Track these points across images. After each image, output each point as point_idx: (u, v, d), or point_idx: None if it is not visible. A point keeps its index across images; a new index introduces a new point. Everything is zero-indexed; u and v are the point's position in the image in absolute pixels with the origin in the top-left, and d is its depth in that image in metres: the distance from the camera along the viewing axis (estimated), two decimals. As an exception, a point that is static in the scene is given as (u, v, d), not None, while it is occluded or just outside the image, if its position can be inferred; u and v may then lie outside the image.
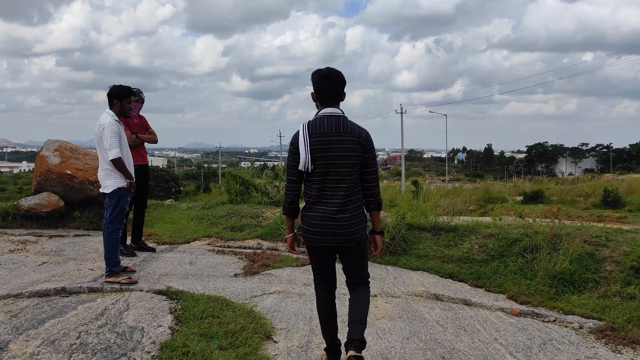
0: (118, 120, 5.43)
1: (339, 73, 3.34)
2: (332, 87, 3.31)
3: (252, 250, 7.24)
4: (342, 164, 3.22)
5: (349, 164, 3.24)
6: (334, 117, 3.27)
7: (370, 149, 3.33)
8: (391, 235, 7.25)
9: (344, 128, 3.25)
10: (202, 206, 11.01)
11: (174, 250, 7.16)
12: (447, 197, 32.99)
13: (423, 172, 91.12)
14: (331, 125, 3.24)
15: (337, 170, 3.22)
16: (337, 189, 3.22)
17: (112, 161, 5.22)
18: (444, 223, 8.01)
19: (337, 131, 3.23)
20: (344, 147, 3.22)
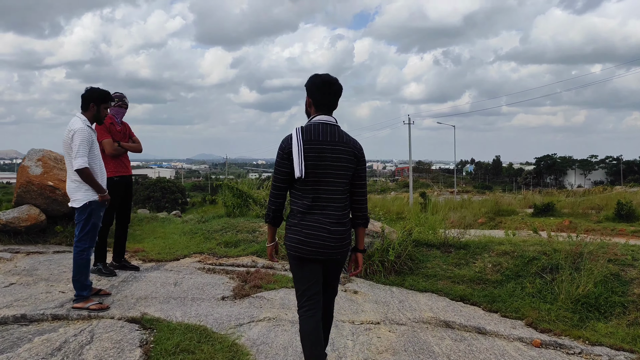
0: (91, 127, 4.88)
1: (338, 81, 3.25)
2: (332, 94, 3.22)
3: (246, 269, 6.65)
4: (336, 175, 3.12)
5: (342, 175, 3.14)
6: (329, 126, 3.17)
7: (362, 162, 3.25)
8: (397, 253, 6.65)
9: (340, 138, 3.15)
10: (198, 219, 10.45)
11: (160, 268, 6.58)
12: (456, 209, 32.37)
13: (431, 183, 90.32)
14: (326, 133, 3.13)
15: (331, 181, 3.11)
16: (331, 200, 3.11)
17: (77, 171, 4.65)
18: (454, 239, 7.40)
19: (333, 140, 3.13)
20: (338, 157, 3.12)
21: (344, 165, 3.14)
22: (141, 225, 9.83)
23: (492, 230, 19.66)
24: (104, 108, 4.97)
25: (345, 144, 3.16)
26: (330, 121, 3.20)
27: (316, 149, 3.09)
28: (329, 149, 3.10)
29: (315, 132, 3.13)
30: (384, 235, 6.91)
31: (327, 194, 3.12)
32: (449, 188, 68.65)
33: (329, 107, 3.24)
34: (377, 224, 7.29)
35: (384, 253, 6.65)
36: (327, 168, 3.10)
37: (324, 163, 3.09)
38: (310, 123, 3.20)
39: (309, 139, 3.10)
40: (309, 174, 3.08)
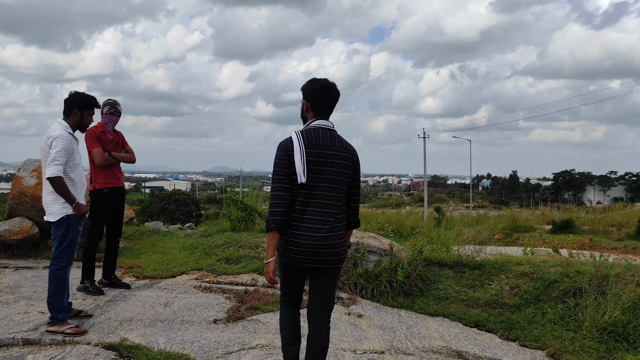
0: (72, 134, 4.52)
1: (336, 86, 3.21)
2: (332, 99, 3.18)
3: (244, 288, 6.23)
4: (335, 180, 3.08)
5: (341, 181, 3.10)
6: (329, 131, 3.13)
7: (358, 169, 3.23)
8: (406, 273, 6.19)
9: (339, 144, 3.12)
10: (202, 233, 10.06)
11: (153, 286, 6.18)
12: (472, 225, 31.72)
13: (447, 198, 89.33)
14: (326, 138, 3.09)
15: (330, 187, 3.06)
16: (328, 206, 3.06)
17: (48, 179, 4.27)
18: (468, 258, 6.91)
19: (333, 146, 3.09)
20: (338, 163, 3.08)
21: (342, 172, 3.10)
22: (142, 239, 9.47)
23: (509, 247, 19.07)
24: (88, 115, 4.61)
25: (345, 150, 3.13)
26: (328, 126, 3.15)
27: (317, 153, 3.02)
28: (330, 154, 3.06)
29: (315, 137, 3.07)
30: (393, 254, 6.45)
31: (325, 200, 3.06)
32: (465, 203, 67.77)
33: (327, 112, 3.19)
34: (385, 242, 6.84)
35: (392, 273, 6.20)
36: (327, 174, 3.04)
37: (324, 169, 3.03)
38: (309, 127, 3.13)
39: (311, 143, 3.04)
40: (310, 178, 3.01)
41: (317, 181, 3.03)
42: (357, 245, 6.48)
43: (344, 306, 5.67)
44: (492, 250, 12.44)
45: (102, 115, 5.77)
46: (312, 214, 3.03)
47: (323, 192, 3.04)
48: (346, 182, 3.13)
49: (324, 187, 3.04)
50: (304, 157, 2.98)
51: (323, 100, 3.15)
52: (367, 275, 6.26)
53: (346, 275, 6.35)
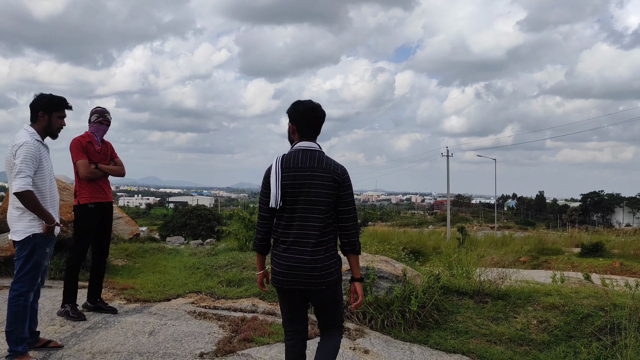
0: (41, 141, 4.04)
1: (321, 107, 3.20)
2: (316, 120, 3.17)
3: (242, 315, 5.68)
4: (314, 202, 3.02)
5: (321, 202, 3.03)
6: (309, 152, 3.10)
7: (346, 186, 3.11)
8: (420, 302, 5.57)
9: (319, 163, 3.07)
10: (208, 252, 9.56)
11: (143, 311, 5.66)
12: (496, 246, 30.78)
13: (471, 218, 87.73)
14: (305, 159, 3.07)
15: (309, 208, 3.03)
16: (308, 227, 3.03)
17: (16, 194, 3.78)
18: (491, 287, 6.26)
19: (311, 166, 3.05)
20: (316, 184, 3.03)
21: (322, 192, 3.03)
22: (145, 257, 9.00)
23: (536, 271, 18.23)
24: (57, 117, 4.12)
25: (324, 169, 3.06)
26: (311, 147, 3.12)
27: (294, 176, 3.03)
28: (307, 175, 3.03)
29: (294, 160, 3.07)
30: (406, 280, 5.85)
31: (306, 222, 3.03)
32: (489, 223, 66.39)
33: (312, 134, 3.17)
34: (399, 266, 6.23)
35: (405, 302, 5.59)
36: (303, 195, 3.02)
37: (300, 190, 3.02)
38: (291, 150, 3.14)
39: (287, 167, 3.05)
40: (287, 201, 3.02)
41: (294, 204, 3.03)
42: (367, 271, 5.89)
43: (350, 339, 5.08)
44: (518, 275, 11.70)
45: (89, 124, 5.31)
46: (293, 236, 3.04)
47: (302, 214, 3.03)
48: (327, 202, 3.05)
49: (302, 209, 3.03)
50: (278, 182, 3.01)
51: (307, 122, 3.15)
52: (378, 303, 5.66)
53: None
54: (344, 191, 3.10)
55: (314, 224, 3.02)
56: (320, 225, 3.03)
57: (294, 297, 3.16)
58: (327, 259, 3.07)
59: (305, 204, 3.02)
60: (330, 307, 3.22)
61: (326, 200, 3.04)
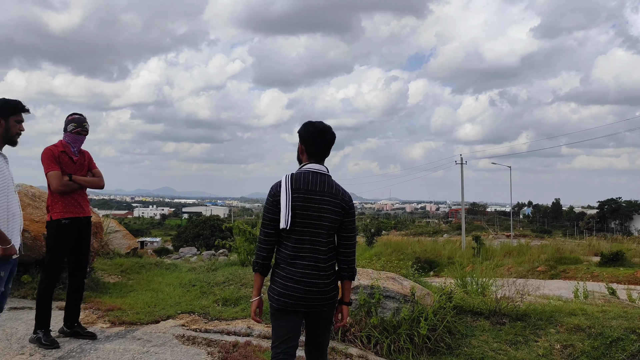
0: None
1: (331, 129, 3.19)
2: (326, 143, 3.16)
3: (235, 339, 5.17)
4: (322, 226, 3.04)
5: (328, 227, 3.05)
6: (320, 175, 3.10)
7: (351, 214, 3.14)
8: (431, 325, 5.04)
9: (329, 188, 3.09)
10: (208, 267, 9.08)
11: (126, 336, 5.18)
12: (512, 255, 30.03)
13: (486, 226, 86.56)
14: (316, 182, 3.07)
15: (317, 232, 3.03)
16: (316, 251, 3.03)
17: None
18: (509, 306, 5.70)
19: (322, 190, 3.07)
20: (326, 208, 3.05)
21: (330, 217, 3.04)
22: (140, 272, 8.54)
23: (554, 281, 17.55)
24: (14, 122, 3.67)
25: (334, 194, 3.08)
26: (321, 170, 3.12)
27: (303, 198, 3.02)
28: (317, 199, 3.03)
29: (304, 181, 3.05)
30: (415, 300, 5.32)
31: (311, 245, 3.02)
32: (505, 231, 65.34)
33: (321, 156, 3.16)
34: (407, 284, 5.70)
35: (414, 324, 5.06)
36: (312, 219, 3.02)
37: (309, 213, 3.02)
38: (300, 171, 3.12)
39: (298, 188, 3.03)
40: (295, 223, 3.00)
41: (302, 225, 3.01)
42: (372, 290, 5.37)
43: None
44: (536, 287, 11.10)
45: (65, 133, 4.86)
46: (298, 258, 3.01)
47: (309, 237, 3.02)
48: (333, 227, 3.07)
49: (309, 231, 3.02)
50: (289, 202, 2.99)
51: (316, 144, 3.13)
52: (384, 326, 5.14)
53: (358, 326, 5.24)
54: (349, 218, 3.12)
55: (321, 248, 3.03)
56: (326, 249, 3.05)
57: (295, 318, 3.09)
58: (332, 283, 3.10)
59: (314, 228, 3.02)
60: (325, 330, 3.22)
61: (332, 226, 3.06)
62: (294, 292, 2.98)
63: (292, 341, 3.12)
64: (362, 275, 5.75)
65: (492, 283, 7.21)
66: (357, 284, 5.45)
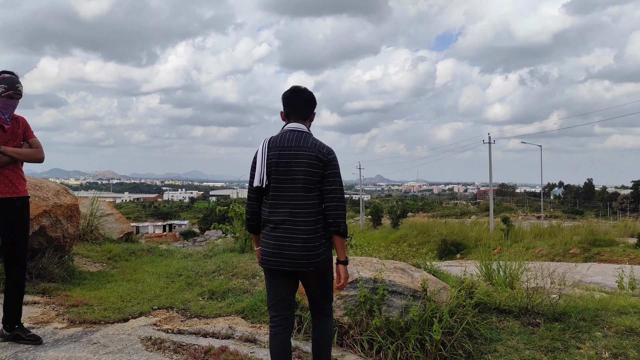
0: None
1: (307, 89, 3.25)
2: (297, 101, 3.20)
3: (209, 344, 4.29)
4: (299, 179, 3.01)
5: (304, 180, 3.01)
6: (297, 132, 3.13)
7: (331, 166, 3.07)
8: (446, 327, 4.09)
9: (304, 142, 3.08)
10: (205, 253, 8.24)
11: (81, 339, 4.34)
12: (543, 237, 28.76)
13: (515, 207, 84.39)
14: (292, 139, 3.09)
15: (294, 187, 3.02)
16: (295, 206, 3.02)
17: None
18: (544, 303, 4.70)
19: (297, 145, 3.06)
20: (299, 162, 3.02)
21: (305, 170, 3.01)
22: (129, 260, 7.75)
23: (589, 264, 16.39)
24: None
25: (309, 148, 3.05)
26: (299, 128, 3.15)
27: (277, 154, 3.04)
28: (291, 154, 3.03)
29: (280, 140, 3.09)
30: (427, 297, 4.36)
31: (290, 201, 3.02)
32: (535, 212, 63.49)
33: (297, 115, 3.19)
34: (418, 276, 4.73)
35: (426, 326, 4.11)
36: (287, 174, 3.02)
37: (285, 169, 3.02)
38: (279, 132, 3.18)
39: (274, 146, 3.07)
40: (272, 179, 3.03)
41: (279, 182, 3.03)
42: (375, 284, 4.42)
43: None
44: (571, 271, 10.06)
45: None
46: (278, 214, 3.02)
47: (287, 193, 3.02)
48: (313, 180, 3.03)
49: (287, 187, 3.02)
50: (264, 161, 3.04)
51: (291, 103, 3.19)
52: (389, 328, 4.20)
53: (358, 328, 4.31)
54: (328, 170, 3.05)
55: (301, 203, 3.00)
56: (307, 204, 3.01)
57: (282, 278, 3.12)
58: (315, 240, 3.02)
59: (291, 183, 3.01)
60: (319, 291, 3.20)
61: (311, 179, 3.01)
62: (276, 249, 3.01)
63: (285, 302, 3.14)
64: (363, 265, 4.80)
65: (522, 272, 6.21)
66: (357, 277, 4.51)
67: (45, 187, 6.44)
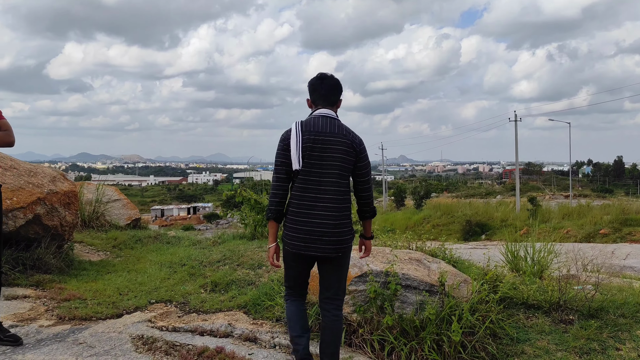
0: None
1: (333, 76, 3.21)
2: (325, 87, 3.17)
3: (203, 344, 3.91)
4: (334, 166, 3.00)
5: (339, 167, 3.02)
6: (329, 118, 3.10)
7: (363, 157, 3.12)
8: (466, 327, 3.63)
9: (339, 129, 3.06)
10: (215, 240, 7.87)
11: (66, 339, 3.99)
12: (572, 217, 27.93)
13: (542, 186, 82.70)
14: (325, 125, 3.06)
15: (328, 172, 3.00)
16: (327, 192, 2.98)
17: None
18: (578, 297, 4.20)
19: (332, 132, 3.04)
20: (336, 148, 3.01)
21: (340, 157, 3.01)
22: (134, 248, 7.42)
23: (621, 244, 15.71)
24: None
25: (344, 135, 3.05)
26: (329, 114, 3.12)
27: (313, 139, 2.99)
28: (327, 140, 3.01)
29: (314, 124, 3.05)
30: (445, 292, 3.89)
31: (323, 186, 2.98)
32: (563, 191, 62.09)
33: (325, 101, 3.15)
34: (435, 268, 4.25)
35: (444, 325, 3.66)
36: (324, 159, 2.99)
37: (321, 154, 2.99)
38: (310, 117, 3.14)
39: (308, 130, 3.02)
40: (306, 164, 2.98)
41: (314, 167, 2.99)
42: (387, 277, 3.97)
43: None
44: (604, 254, 9.52)
45: None
46: (311, 200, 2.98)
47: (321, 179, 2.99)
48: (347, 168, 3.04)
49: (321, 173, 2.99)
50: (299, 144, 2.98)
51: (318, 90, 3.16)
52: (402, 327, 3.76)
53: (368, 327, 3.87)
54: (362, 162, 3.10)
55: (333, 189, 2.98)
56: (338, 190, 3.00)
57: (307, 263, 3.13)
58: (344, 226, 3.02)
59: (325, 169, 2.99)
60: (338, 277, 3.17)
61: (345, 166, 3.02)
62: (305, 234, 2.96)
63: (304, 283, 3.24)
64: (375, 256, 4.34)
65: (552, 259, 5.70)
66: (367, 270, 4.06)
67: (41, 173, 6.10)
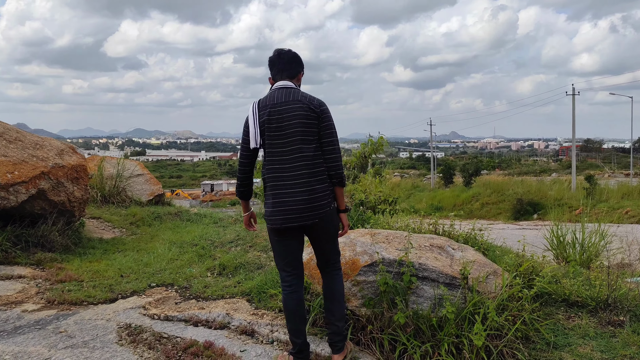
0: None
1: (290, 50, 3.17)
2: (282, 62, 3.12)
3: (192, 338, 3.49)
4: (294, 132, 2.92)
5: (301, 132, 2.93)
6: (285, 89, 3.03)
7: (325, 118, 3.01)
8: (492, 328, 3.06)
9: (294, 96, 2.99)
10: (237, 217, 7.48)
11: (47, 326, 3.64)
12: (632, 196, 26.39)
13: (601, 164, 79.25)
14: (281, 95, 2.99)
15: (290, 141, 2.93)
16: (294, 161, 2.93)
17: None
18: (629, 295, 3.54)
19: (286, 100, 2.97)
20: (293, 115, 2.94)
21: (299, 122, 2.93)
22: (152, 225, 7.11)
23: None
24: None
25: (299, 101, 2.97)
26: (287, 85, 3.05)
27: (268, 112, 2.95)
28: (282, 109, 2.94)
29: (270, 98, 3.00)
30: (469, 286, 3.31)
31: (289, 155, 2.92)
32: (624, 170, 59.23)
33: (284, 74, 3.10)
34: (459, 256, 3.66)
35: (465, 325, 3.09)
36: (281, 129, 2.93)
37: (277, 125, 2.93)
38: (268, 93, 3.07)
39: (264, 105, 2.98)
40: (268, 137, 2.95)
41: (274, 139, 2.93)
42: (400, 266, 3.42)
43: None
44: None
45: None
46: (279, 171, 2.93)
47: (284, 148, 2.92)
48: (309, 132, 2.94)
49: (284, 143, 2.92)
50: (256, 122, 2.96)
51: (276, 65, 3.12)
52: (417, 325, 3.22)
53: (377, 323, 3.35)
54: (323, 123, 2.98)
55: (300, 156, 2.92)
56: (306, 156, 2.92)
57: (289, 237, 3.03)
58: (317, 191, 2.94)
59: (287, 137, 2.92)
60: (325, 244, 3.11)
61: (307, 131, 2.93)
62: (279, 207, 2.92)
63: (295, 261, 3.11)
64: (390, 242, 3.79)
65: (605, 245, 5.02)
66: (377, 259, 3.52)
67: (47, 145, 5.79)
